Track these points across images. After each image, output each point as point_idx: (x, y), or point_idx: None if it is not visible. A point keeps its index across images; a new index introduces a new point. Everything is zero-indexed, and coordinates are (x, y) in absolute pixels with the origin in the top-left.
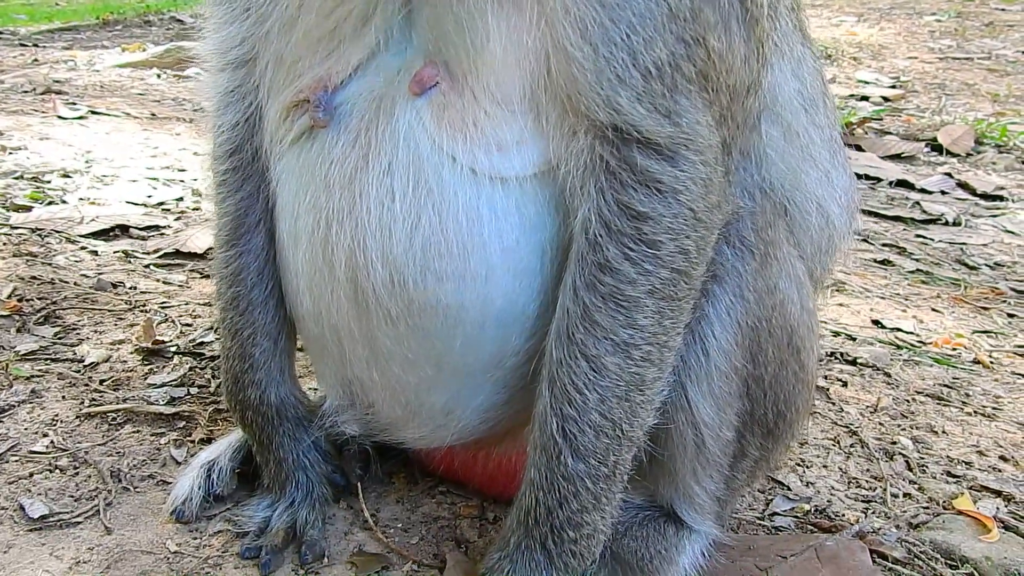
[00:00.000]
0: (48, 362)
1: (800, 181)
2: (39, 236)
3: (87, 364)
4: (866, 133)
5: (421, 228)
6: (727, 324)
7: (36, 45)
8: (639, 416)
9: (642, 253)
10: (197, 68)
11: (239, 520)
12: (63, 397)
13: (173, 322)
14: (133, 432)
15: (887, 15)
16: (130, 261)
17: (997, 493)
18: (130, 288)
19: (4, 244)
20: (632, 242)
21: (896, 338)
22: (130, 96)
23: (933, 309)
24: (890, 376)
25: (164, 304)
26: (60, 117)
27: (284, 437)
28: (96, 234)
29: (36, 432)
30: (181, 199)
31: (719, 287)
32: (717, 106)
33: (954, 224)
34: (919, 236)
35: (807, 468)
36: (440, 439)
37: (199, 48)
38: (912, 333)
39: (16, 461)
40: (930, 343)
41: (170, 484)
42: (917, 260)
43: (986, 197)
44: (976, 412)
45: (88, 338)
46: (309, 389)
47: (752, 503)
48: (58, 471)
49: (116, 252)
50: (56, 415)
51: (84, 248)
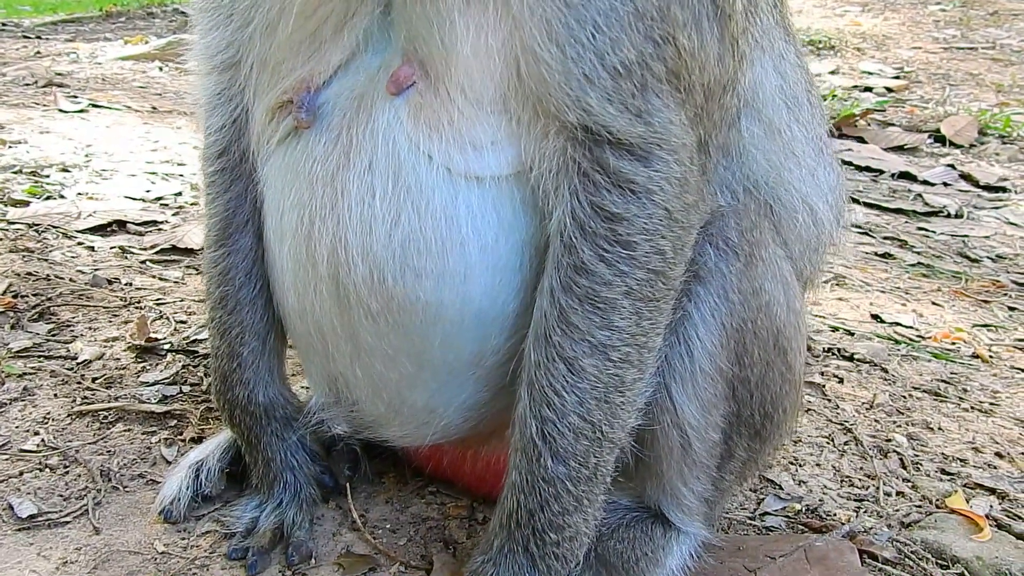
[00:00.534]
0: (41, 359)
1: (784, 178)
2: (36, 231)
3: (80, 361)
4: (869, 125)
5: (401, 225)
6: (711, 326)
7: (39, 37)
8: (619, 418)
9: (617, 254)
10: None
11: (227, 521)
12: (55, 395)
13: (168, 319)
14: (124, 431)
15: (891, 5)
16: (127, 257)
17: (991, 491)
18: (126, 284)
19: (0, 240)
20: (607, 243)
21: (895, 333)
22: (131, 89)
23: (933, 303)
24: (887, 372)
25: (159, 301)
26: (61, 110)
27: (272, 437)
28: (93, 229)
29: (27, 430)
30: (180, 194)
31: (703, 288)
32: (691, 105)
33: (956, 216)
34: (921, 229)
35: (800, 466)
36: (423, 437)
37: (188, 53)
38: (911, 327)
39: (6, 460)
40: (929, 337)
41: (159, 484)
42: (918, 253)
43: (989, 188)
44: (973, 408)
45: (82, 335)
46: (301, 388)
47: (743, 502)
48: (48, 470)
49: (113, 248)
50: (48, 413)
51: (81, 244)
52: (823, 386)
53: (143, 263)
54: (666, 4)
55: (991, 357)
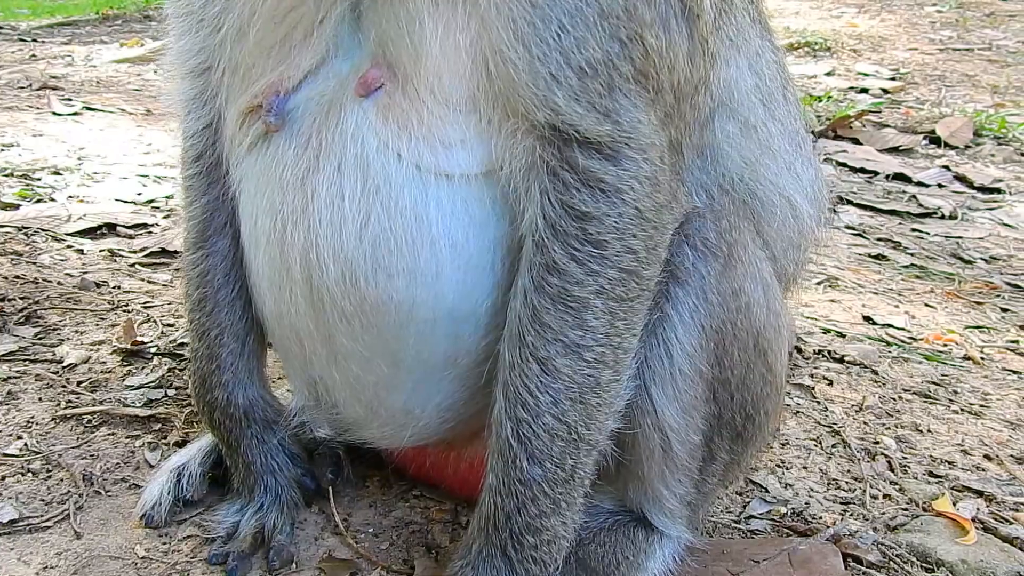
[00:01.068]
0: (26, 363)
1: (760, 175)
2: (25, 235)
3: (65, 365)
4: (864, 126)
5: (371, 226)
6: (690, 327)
7: (35, 40)
8: (596, 419)
9: (588, 253)
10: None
11: (208, 525)
12: (39, 399)
13: (155, 322)
14: (108, 434)
15: (888, 6)
16: (115, 260)
17: (979, 493)
18: (114, 287)
19: None
20: (577, 242)
21: (886, 335)
22: (126, 92)
23: (926, 304)
24: (877, 374)
25: (147, 304)
26: (55, 113)
27: (252, 440)
28: (83, 232)
29: (10, 434)
30: (171, 196)
31: (681, 289)
32: (661, 105)
33: (950, 218)
34: (915, 230)
35: (787, 469)
36: (402, 438)
37: (163, 58)
38: (903, 329)
39: None
40: (921, 339)
41: (142, 488)
42: (912, 255)
43: (983, 190)
44: (963, 410)
45: (68, 338)
46: (287, 392)
47: (729, 505)
48: (31, 474)
49: (102, 251)
50: (32, 417)
51: (70, 247)
52: (812, 388)
53: (132, 266)
54: (632, 3)
55: (983, 359)
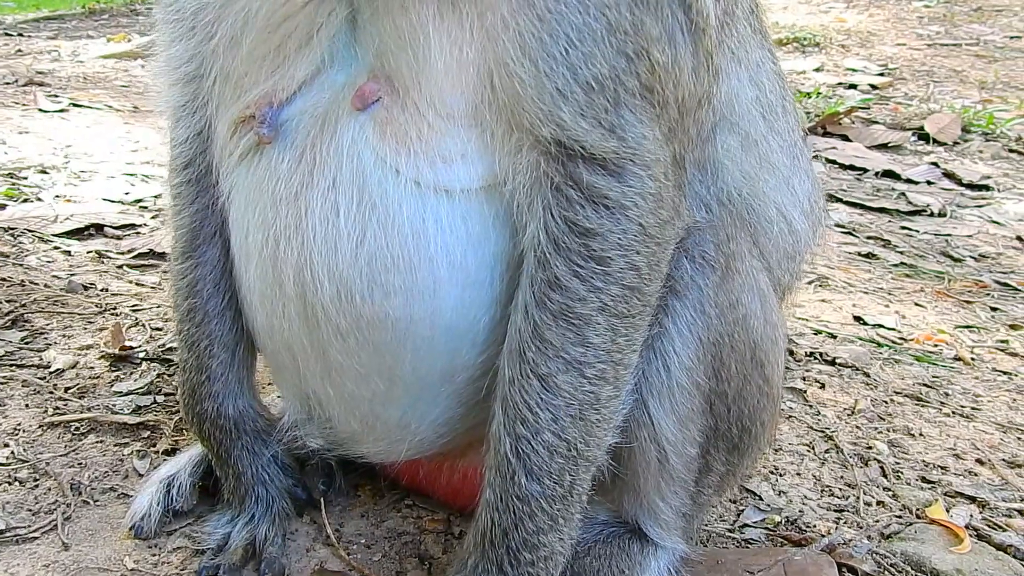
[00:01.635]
0: (13, 368)
1: (758, 190)
2: (11, 236)
3: (53, 370)
4: (853, 123)
5: (367, 243)
6: (688, 340)
7: (21, 35)
8: (595, 436)
9: (591, 270)
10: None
11: (198, 537)
12: (26, 405)
13: (143, 326)
14: (96, 442)
15: (875, 1)
16: (103, 262)
17: (972, 499)
18: (102, 290)
19: None
20: (581, 259)
21: (877, 335)
22: (113, 88)
23: (916, 304)
24: (869, 376)
25: (135, 307)
26: (41, 110)
27: (243, 451)
28: (70, 233)
29: None
30: (159, 196)
31: (679, 302)
32: (666, 120)
33: (939, 215)
34: (904, 228)
35: (780, 476)
36: (398, 453)
37: (153, 63)
38: (894, 329)
39: None
40: (912, 340)
41: (131, 497)
42: (901, 253)
43: (972, 187)
44: (955, 412)
45: (56, 343)
46: (277, 397)
47: (723, 514)
48: (17, 483)
49: (90, 252)
50: (18, 424)
51: (57, 248)
52: (805, 392)
53: (120, 268)
54: (639, 18)
55: (973, 359)
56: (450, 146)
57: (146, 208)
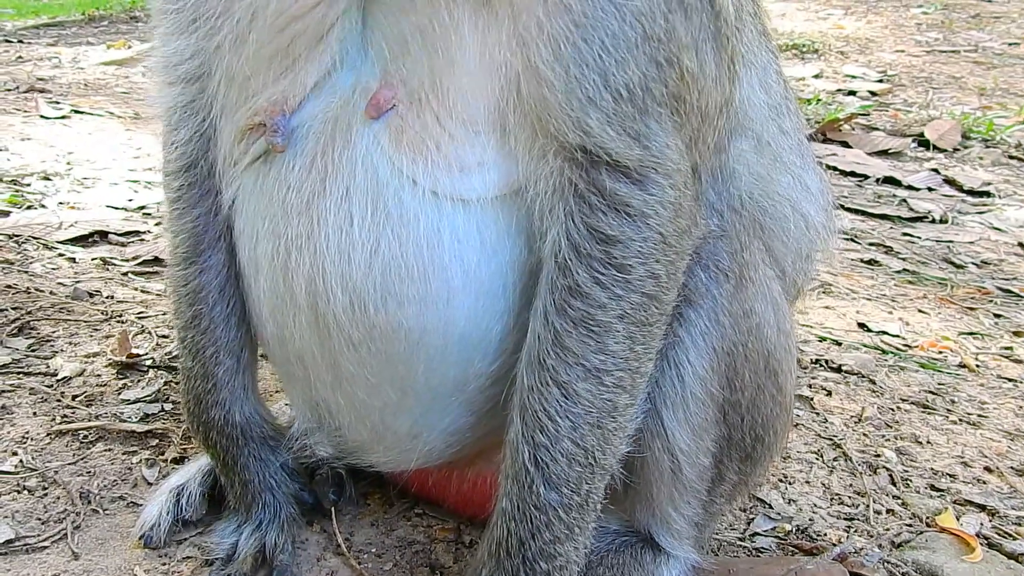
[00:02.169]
0: (20, 376)
1: (772, 190)
2: (16, 243)
3: (60, 378)
4: (853, 129)
5: (380, 253)
6: (702, 350)
7: (21, 41)
8: (612, 444)
9: (612, 277)
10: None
11: (207, 546)
12: (34, 413)
13: (149, 333)
14: (105, 450)
15: (874, 8)
16: (108, 269)
17: (981, 507)
18: (107, 297)
19: None
20: (602, 266)
21: (882, 342)
22: (114, 95)
23: (920, 310)
24: (875, 383)
25: (141, 314)
26: (43, 116)
27: (249, 458)
28: (74, 240)
29: (5, 450)
30: (162, 202)
31: (694, 312)
32: (688, 129)
33: (941, 222)
34: (906, 234)
35: (789, 484)
36: (408, 462)
37: (149, 60)
38: (898, 336)
39: None
40: (916, 346)
41: (140, 506)
42: (904, 259)
43: (973, 193)
44: (961, 420)
45: (62, 350)
46: (285, 405)
47: (733, 522)
48: (26, 492)
49: (94, 259)
50: (27, 432)
51: (62, 255)
52: (811, 399)
53: (125, 275)
54: (672, 25)
55: (978, 366)
56: (468, 154)
57: (150, 215)
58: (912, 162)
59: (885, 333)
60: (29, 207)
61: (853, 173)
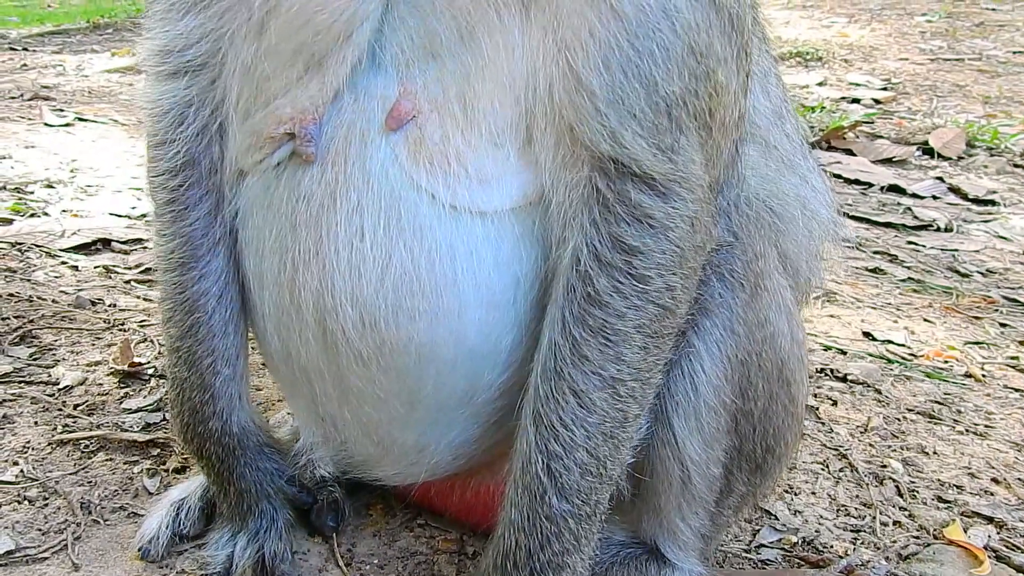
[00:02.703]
0: (22, 385)
1: (782, 192)
2: (19, 251)
3: (62, 387)
4: (857, 137)
5: (392, 267)
6: (717, 359)
7: (26, 49)
8: (621, 454)
9: (632, 287)
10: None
11: (203, 560)
12: (36, 423)
13: (152, 342)
14: (106, 460)
15: (878, 16)
16: (111, 276)
17: (989, 519)
18: (109, 305)
19: None
20: (622, 276)
21: (887, 351)
22: (118, 102)
23: (925, 319)
24: (881, 393)
25: (143, 323)
26: (46, 124)
27: (246, 467)
28: (77, 248)
29: (6, 460)
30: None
31: (709, 321)
32: (711, 143)
33: (946, 230)
34: (911, 243)
35: (795, 495)
36: (414, 475)
37: (143, 46)
38: (903, 345)
39: None
40: (922, 356)
41: (141, 517)
42: (909, 268)
43: (978, 202)
44: (968, 430)
45: (64, 359)
46: (288, 414)
47: (739, 534)
48: (27, 502)
49: (97, 267)
50: (28, 442)
51: (65, 263)
52: (817, 408)
53: (127, 283)
54: (711, 40)
55: (984, 376)
56: (489, 164)
57: (152, 223)
58: (916, 170)
59: (890, 342)
60: (32, 215)
61: (857, 181)
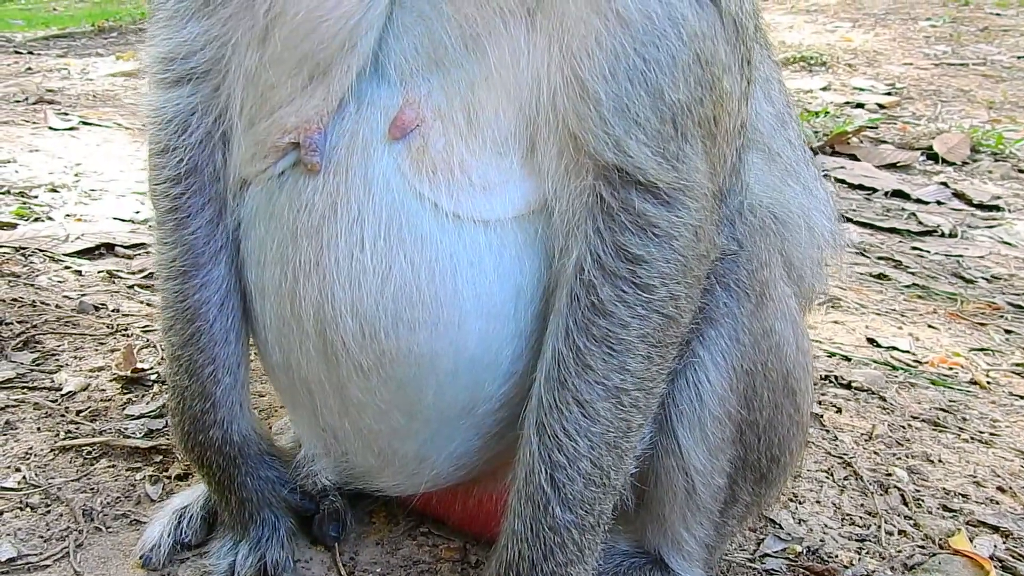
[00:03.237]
0: (24, 391)
1: (785, 199)
2: (23, 255)
3: (64, 393)
4: (861, 142)
5: (393, 278)
6: (722, 369)
7: (31, 53)
8: (624, 464)
9: (636, 296)
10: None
11: (206, 568)
12: (38, 429)
13: (155, 347)
14: (109, 466)
15: (882, 20)
16: (114, 281)
17: (995, 529)
18: (113, 311)
19: None
20: (627, 285)
21: (892, 358)
22: (123, 106)
23: (929, 326)
24: (885, 400)
25: (147, 328)
26: (51, 128)
27: (247, 476)
28: (81, 252)
29: (8, 467)
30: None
31: (714, 330)
32: (715, 152)
33: (950, 236)
34: (915, 248)
35: (800, 503)
36: (415, 486)
37: (146, 52)
38: (908, 352)
39: None
40: (926, 362)
41: (143, 524)
42: (913, 274)
43: (982, 207)
44: (973, 438)
45: (67, 364)
46: (288, 420)
47: (743, 543)
48: (29, 509)
49: (100, 272)
50: (30, 448)
51: (68, 268)
52: (821, 416)
53: (131, 288)
54: (717, 47)
55: (989, 383)
56: (493, 173)
57: None
58: (921, 175)
59: (895, 349)
60: (36, 219)
61: (861, 186)
